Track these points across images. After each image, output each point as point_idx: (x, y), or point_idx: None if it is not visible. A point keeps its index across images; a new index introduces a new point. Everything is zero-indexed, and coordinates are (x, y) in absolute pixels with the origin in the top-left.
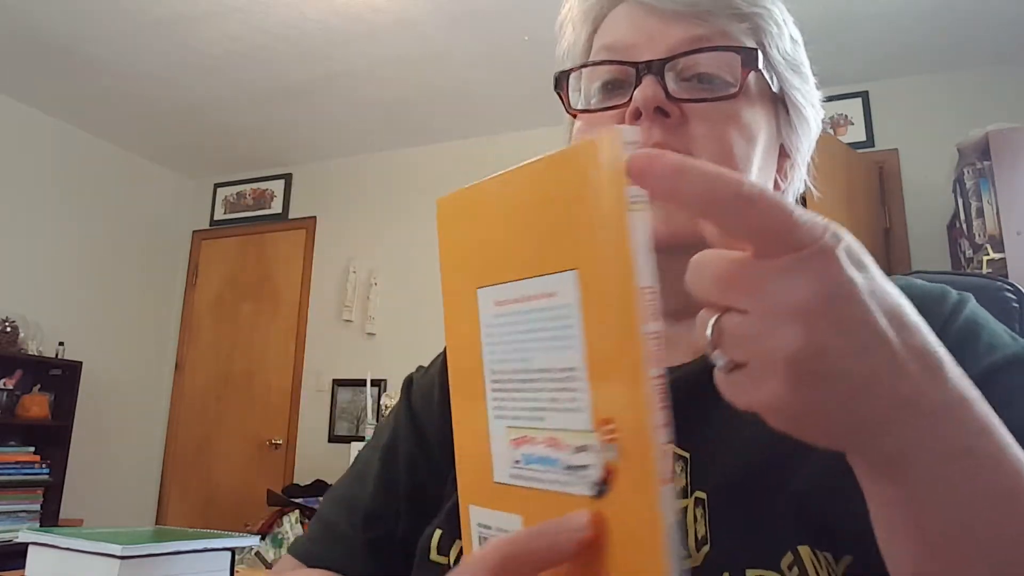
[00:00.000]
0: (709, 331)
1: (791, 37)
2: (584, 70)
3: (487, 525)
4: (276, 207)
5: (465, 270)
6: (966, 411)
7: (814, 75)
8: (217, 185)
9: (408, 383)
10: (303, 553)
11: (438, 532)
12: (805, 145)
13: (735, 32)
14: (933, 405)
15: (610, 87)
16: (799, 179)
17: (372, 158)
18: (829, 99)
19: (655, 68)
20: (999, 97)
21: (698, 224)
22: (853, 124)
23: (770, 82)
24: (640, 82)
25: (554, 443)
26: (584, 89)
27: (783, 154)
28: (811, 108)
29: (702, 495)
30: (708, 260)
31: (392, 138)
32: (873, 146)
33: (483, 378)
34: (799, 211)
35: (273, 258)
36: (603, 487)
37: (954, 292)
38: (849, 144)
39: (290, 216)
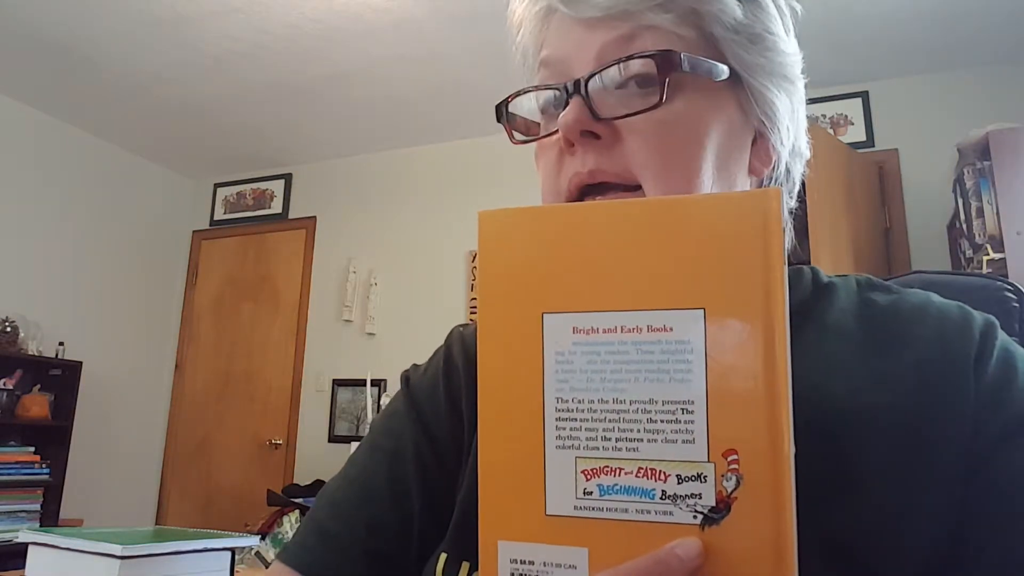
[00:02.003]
0: None
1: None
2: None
3: (529, 560)
4: (276, 207)
5: (522, 292)
6: None
7: (800, 49)
8: (217, 185)
9: (406, 381)
10: (296, 561)
11: (443, 556)
12: (783, 115)
13: (664, 24)
14: None
15: (553, 107)
16: (787, 152)
17: (372, 158)
18: (829, 99)
19: (580, 87)
20: (999, 97)
21: None
22: (853, 124)
23: (711, 70)
24: (567, 104)
25: (650, 473)
26: (532, 107)
27: (758, 134)
28: (780, 77)
29: None
30: None
31: (392, 138)
32: (873, 146)
33: (541, 407)
34: None
35: (273, 258)
36: (715, 516)
37: (977, 316)
38: (849, 144)
39: (290, 216)
